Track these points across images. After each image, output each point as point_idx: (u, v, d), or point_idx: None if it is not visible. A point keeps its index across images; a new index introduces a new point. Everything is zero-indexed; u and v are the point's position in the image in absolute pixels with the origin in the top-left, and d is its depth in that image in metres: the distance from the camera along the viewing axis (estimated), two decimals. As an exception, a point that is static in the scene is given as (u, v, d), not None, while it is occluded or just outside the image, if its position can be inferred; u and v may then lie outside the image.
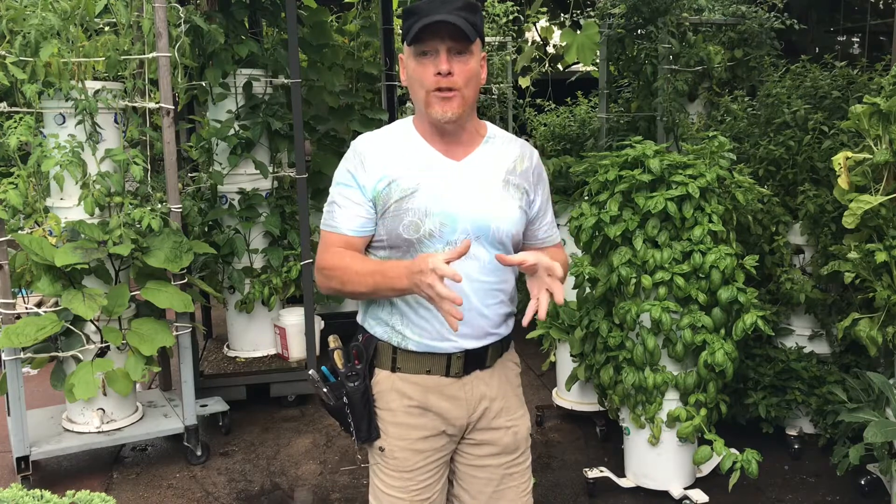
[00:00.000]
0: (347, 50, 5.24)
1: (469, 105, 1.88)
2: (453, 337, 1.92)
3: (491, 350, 1.99)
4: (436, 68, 1.83)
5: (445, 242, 1.88)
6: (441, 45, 1.82)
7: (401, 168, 1.91)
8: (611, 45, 4.48)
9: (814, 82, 3.91)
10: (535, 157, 2.04)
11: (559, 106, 6.17)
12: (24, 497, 1.70)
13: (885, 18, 8.25)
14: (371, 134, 1.99)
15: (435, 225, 1.88)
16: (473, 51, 1.86)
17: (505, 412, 2.03)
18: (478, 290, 1.92)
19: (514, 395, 2.07)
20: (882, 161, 2.95)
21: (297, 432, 4.17)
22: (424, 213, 1.88)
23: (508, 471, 2.06)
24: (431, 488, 2.01)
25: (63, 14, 3.38)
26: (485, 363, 1.99)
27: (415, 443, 1.97)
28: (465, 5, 1.83)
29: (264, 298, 4.50)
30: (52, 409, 3.95)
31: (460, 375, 1.96)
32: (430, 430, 1.97)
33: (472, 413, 1.99)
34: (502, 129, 2.07)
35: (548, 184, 2.10)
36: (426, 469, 1.99)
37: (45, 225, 3.52)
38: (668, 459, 3.31)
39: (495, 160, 1.96)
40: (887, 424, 2.87)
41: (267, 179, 4.52)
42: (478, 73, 1.89)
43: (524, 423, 2.08)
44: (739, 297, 3.10)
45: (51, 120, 3.50)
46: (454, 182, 1.92)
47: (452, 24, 1.79)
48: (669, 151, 3.45)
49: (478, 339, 1.96)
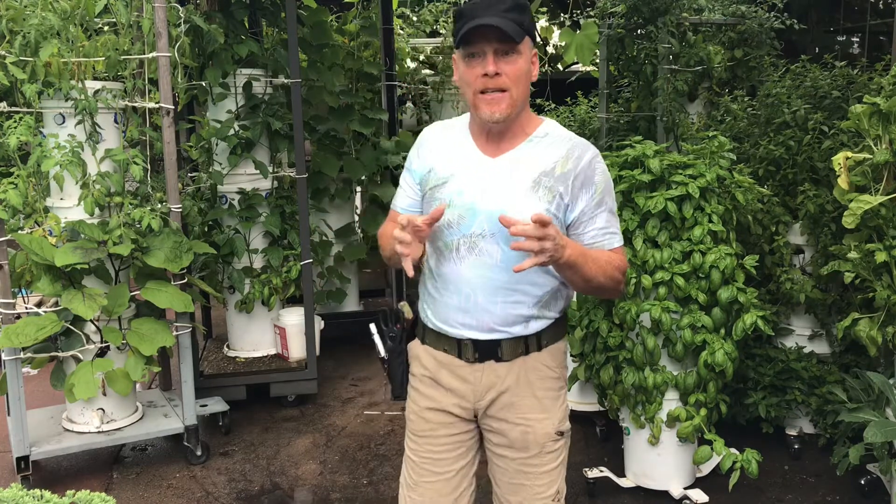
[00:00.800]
0: (347, 50, 5.24)
1: (517, 104, 1.93)
2: (456, 324, 2.02)
3: (505, 346, 2.02)
4: (483, 70, 1.89)
5: (461, 235, 1.97)
6: (488, 46, 1.87)
7: (442, 158, 2.04)
8: (611, 44, 4.48)
9: (814, 82, 3.91)
10: (584, 161, 1.96)
11: (559, 106, 6.16)
12: (24, 497, 1.70)
13: (885, 18, 8.25)
14: (437, 123, 2.15)
15: (454, 216, 1.97)
16: (521, 50, 1.90)
17: (515, 409, 2.05)
18: (485, 285, 1.97)
19: (532, 395, 2.05)
20: (882, 161, 2.95)
21: (297, 432, 4.17)
22: (449, 203, 1.97)
23: (522, 468, 2.08)
24: (441, 464, 2.11)
25: (63, 14, 3.38)
26: (499, 356, 2.03)
27: (423, 411, 2.12)
28: (514, 6, 1.88)
29: (264, 298, 4.50)
30: (52, 409, 3.95)
31: (472, 361, 2.04)
32: (437, 404, 2.10)
33: (479, 400, 2.06)
34: (563, 129, 2.03)
35: (604, 190, 1.99)
36: (433, 440, 2.11)
37: (45, 225, 3.52)
38: (668, 459, 3.31)
39: (532, 160, 1.96)
40: (887, 424, 2.87)
41: (267, 179, 4.52)
42: (527, 71, 1.93)
43: (542, 427, 2.06)
44: (739, 297, 3.10)
45: (51, 120, 3.50)
46: (482, 178, 1.97)
47: (497, 27, 1.84)
48: (669, 151, 3.45)
49: (483, 332, 2.01)
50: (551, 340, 2.07)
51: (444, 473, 2.13)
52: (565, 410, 2.12)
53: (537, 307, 2.01)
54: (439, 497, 2.12)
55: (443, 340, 2.07)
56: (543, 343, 2.05)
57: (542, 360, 2.06)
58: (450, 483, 2.13)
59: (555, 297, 2.04)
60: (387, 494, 3.52)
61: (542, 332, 2.04)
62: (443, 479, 2.13)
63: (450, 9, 6.76)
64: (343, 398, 4.62)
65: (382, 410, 4.44)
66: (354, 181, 5.42)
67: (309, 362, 4.37)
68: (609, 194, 2.01)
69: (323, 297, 5.24)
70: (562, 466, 2.12)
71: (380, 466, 3.78)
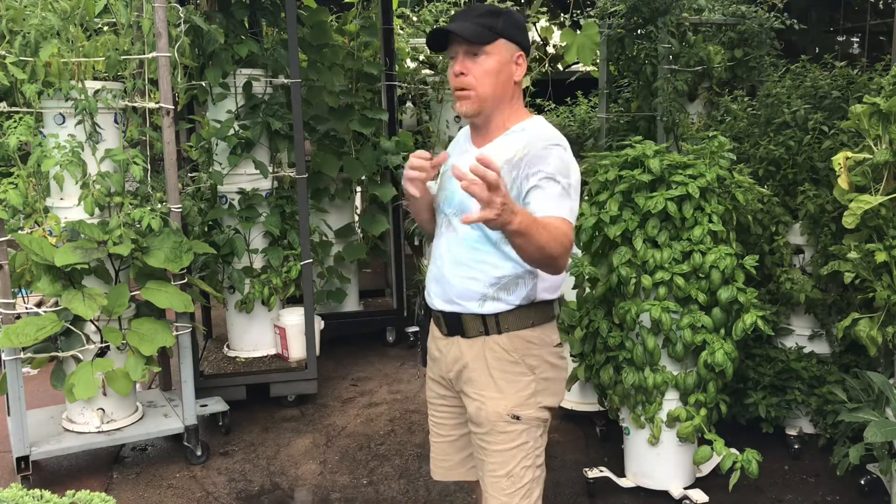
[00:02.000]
0: (347, 50, 5.24)
1: (487, 101, 2.10)
2: (432, 294, 2.24)
3: (465, 321, 2.17)
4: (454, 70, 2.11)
5: (443, 213, 2.22)
6: (459, 48, 2.10)
7: (452, 149, 2.30)
8: (611, 45, 4.48)
9: (814, 82, 3.91)
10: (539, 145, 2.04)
11: (559, 106, 6.17)
12: (24, 497, 1.70)
13: (885, 18, 8.25)
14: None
15: (442, 198, 2.23)
16: (489, 52, 2.07)
17: (473, 384, 2.20)
18: (451, 259, 2.17)
19: (487, 374, 2.17)
20: (882, 161, 2.95)
21: (297, 432, 4.17)
22: (441, 186, 2.25)
23: (479, 443, 2.22)
24: (443, 428, 2.37)
25: (63, 14, 3.38)
26: (463, 332, 2.19)
27: (427, 380, 2.40)
28: (486, 12, 2.08)
29: (264, 298, 4.50)
30: (52, 409, 3.95)
31: (445, 335, 2.24)
32: (432, 373, 2.36)
33: (450, 371, 2.25)
34: (542, 127, 2.14)
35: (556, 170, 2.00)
36: (434, 407, 2.38)
37: (45, 225, 3.52)
38: (668, 459, 3.31)
39: (502, 149, 2.11)
40: (887, 424, 2.87)
41: (267, 179, 4.52)
42: (495, 70, 2.08)
43: (493, 405, 2.16)
44: (739, 297, 3.10)
45: (50, 120, 3.50)
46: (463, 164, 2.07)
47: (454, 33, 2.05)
48: (669, 151, 3.45)
49: (445, 303, 2.20)
50: (513, 326, 2.15)
51: (447, 436, 2.38)
52: (528, 398, 2.16)
53: (493, 288, 2.12)
54: (444, 456, 2.40)
55: (432, 314, 2.28)
56: (504, 327, 2.15)
57: (500, 342, 2.16)
58: (454, 445, 2.37)
59: (515, 283, 2.13)
60: (387, 494, 3.53)
61: (500, 315, 2.14)
62: (447, 440, 2.38)
63: (450, 9, 6.76)
64: (343, 398, 4.62)
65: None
66: (354, 181, 5.42)
67: (309, 362, 4.37)
68: (563, 175, 2.01)
69: (323, 297, 5.24)
70: (520, 451, 2.16)
71: (380, 466, 3.78)
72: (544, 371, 2.20)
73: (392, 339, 5.48)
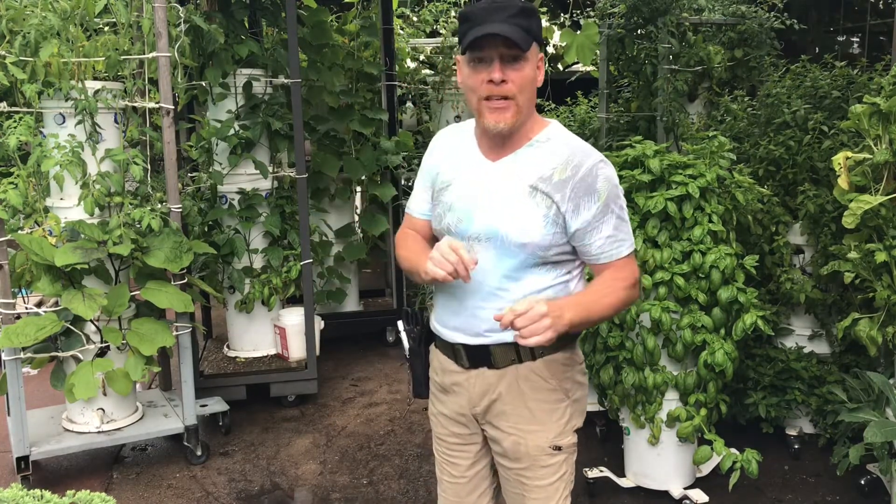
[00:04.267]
0: (347, 50, 5.24)
1: (523, 112, 1.89)
2: (449, 328, 2.03)
3: (496, 352, 1.98)
4: (489, 76, 1.83)
5: (459, 238, 1.94)
6: (495, 52, 1.82)
7: (448, 161, 2.03)
8: (611, 45, 4.48)
9: (814, 82, 3.91)
10: (584, 168, 1.88)
11: (559, 106, 6.16)
12: (24, 497, 1.70)
13: (885, 18, 8.25)
14: (452, 125, 2.15)
15: (453, 220, 1.97)
16: (528, 57, 1.85)
17: (507, 418, 2.02)
18: (476, 290, 1.94)
19: (524, 406, 2.00)
20: (882, 161, 2.95)
21: (297, 432, 4.17)
22: (449, 207, 1.98)
23: (518, 478, 2.05)
24: (456, 468, 2.14)
25: (63, 14, 3.37)
26: (491, 363, 1.99)
27: (436, 415, 2.16)
28: (520, 11, 1.82)
29: (264, 298, 4.50)
30: (52, 409, 3.95)
31: (465, 368, 2.03)
32: (444, 409, 2.12)
33: (475, 406, 2.05)
34: (566, 134, 1.97)
35: (608, 197, 1.90)
36: (446, 444, 2.14)
37: (45, 225, 3.52)
38: (668, 459, 3.31)
39: (530, 164, 1.91)
40: (887, 424, 2.87)
41: (267, 179, 4.52)
42: (533, 78, 1.88)
43: (534, 439, 2.00)
44: (739, 297, 3.10)
45: (51, 120, 3.50)
46: (480, 181, 1.95)
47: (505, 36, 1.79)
48: (669, 151, 3.45)
49: (472, 337, 1.99)
50: (547, 351, 1.98)
51: (460, 478, 2.15)
52: (565, 425, 2.03)
53: None
54: (458, 498, 2.17)
55: (443, 345, 2.07)
56: (538, 353, 1.98)
57: (536, 369, 1.99)
58: (467, 486, 2.16)
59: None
60: (387, 494, 3.53)
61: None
62: (460, 482, 2.16)
63: (450, 9, 6.76)
64: (343, 398, 4.62)
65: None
66: (354, 181, 5.42)
67: (309, 362, 4.37)
68: (615, 200, 1.92)
69: (323, 297, 5.24)
70: (562, 482, 2.05)
71: (380, 466, 3.78)
72: (575, 392, 2.06)
73: (392, 339, 5.48)
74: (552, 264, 1.95)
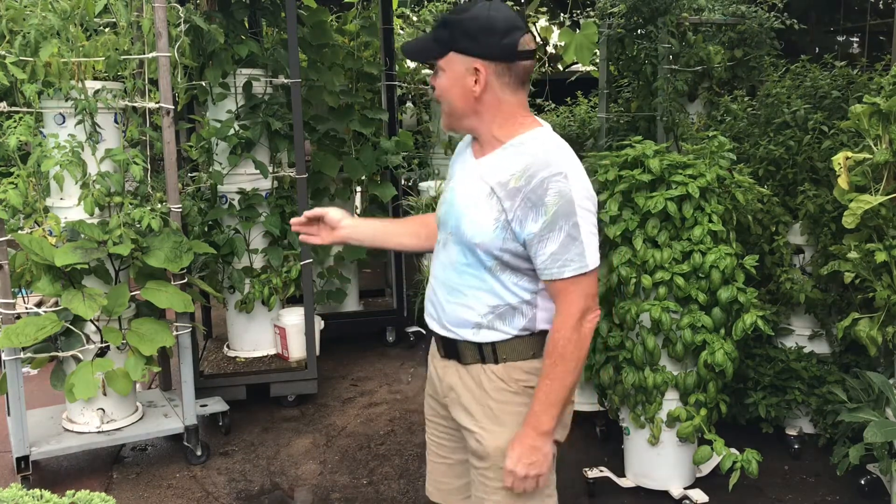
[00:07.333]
0: (347, 50, 5.24)
1: (453, 117, 1.97)
2: (428, 314, 2.11)
3: (462, 347, 2.01)
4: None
5: (442, 231, 2.05)
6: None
7: (456, 159, 2.12)
8: (611, 44, 4.48)
9: (814, 82, 3.91)
10: (535, 180, 1.83)
11: (559, 106, 6.17)
12: (24, 497, 1.70)
13: (885, 18, 8.25)
14: None
15: (441, 212, 2.05)
16: (443, 66, 1.92)
17: (471, 415, 2.02)
18: (443, 283, 2.03)
19: (486, 405, 1.99)
20: (882, 161, 2.95)
21: (297, 432, 4.17)
22: (442, 199, 2.07)
23: (480, 479, 2.03)
24: (442, 449, 2.20)
25: (63, 14, 3.37)
26: (459, 357, 2.03)
27: (426, 396, 2.24)
28: (442, 22, 1.92)
29: (264, 298, 4.50)
30: (52, 409, 3.95)
31: (442, 357, 2.10)
32: (430, 390, 2.20)
33: (444, 396, 2.11)
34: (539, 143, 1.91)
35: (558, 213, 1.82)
36: (432, 425, 2.21)
37: (45, 225, 3.52)
38: (668, 459, 3.31)
39: (496, 167, 1.92)
40: (887, 424, 2.87)
41: (267, 179, 4.52)
42: (447, 86, 1.92)
43: (493, 441, 1.98)
44: (739, 296, 3.10)
45: (50, 120, 3.50)
46: (461, 179, 2.02)
47: (404, 51, 1.99)
48: (669, 151, 3.45)
49: (440, 328, 2.06)
50: (511, 357, 1.96)
51: (445, 459, 2.20)
52: None
53: (488, 317, 1.95)
54: (443, 478, 2.21)
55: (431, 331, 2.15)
56: (501, 357, 1.97)
57: (498, 373, 1.98)
58: (453, 469, 2.18)
59: (511, 313, 1.95)
60: (387, 494, 3.53)
61: (497, 345, 1.96)
62: (445, 463, 2.20)
63: (450, 9, 6.75)
64: (343, 398, 4.62)
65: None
66: (354, 181, 5.42)
67: (309, 362, 4.37)
68: (567, 217, 1.82)
69: (323, 297, 5.24)
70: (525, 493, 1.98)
71: (380, 466, 3.78)
72: None
73: (392, 339, 5.48)
74: (513, 270, 1.93)
